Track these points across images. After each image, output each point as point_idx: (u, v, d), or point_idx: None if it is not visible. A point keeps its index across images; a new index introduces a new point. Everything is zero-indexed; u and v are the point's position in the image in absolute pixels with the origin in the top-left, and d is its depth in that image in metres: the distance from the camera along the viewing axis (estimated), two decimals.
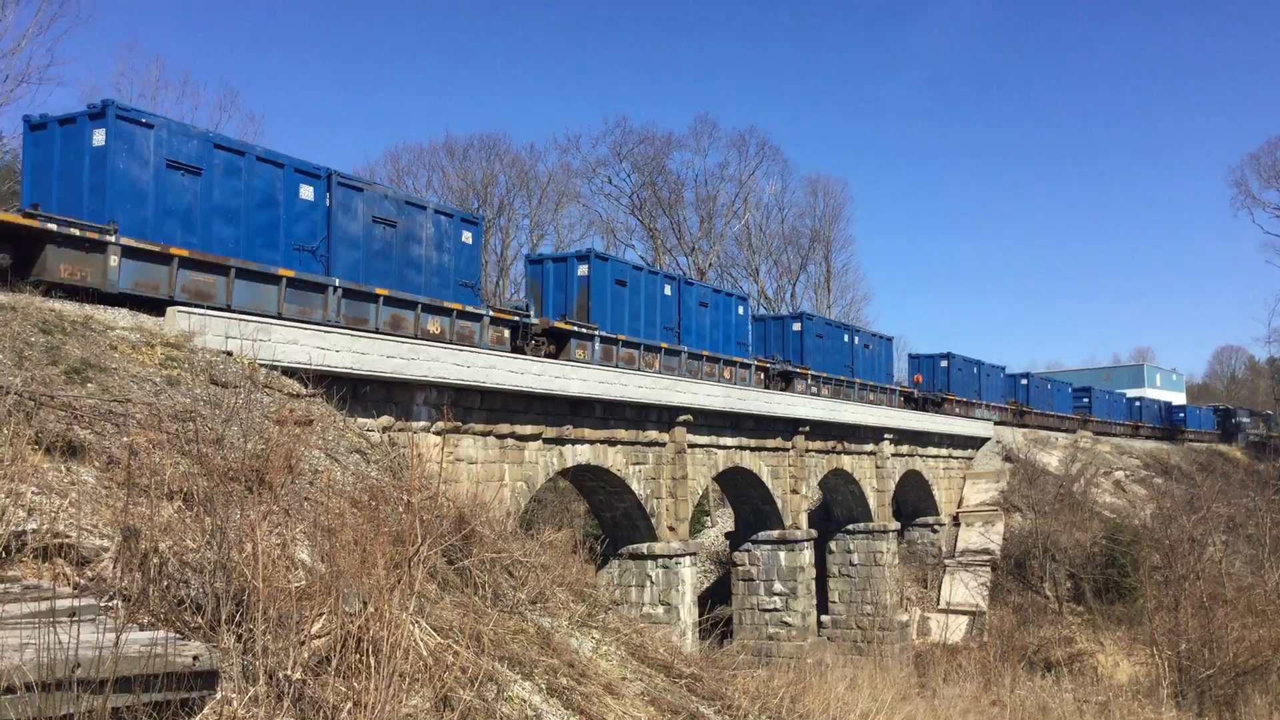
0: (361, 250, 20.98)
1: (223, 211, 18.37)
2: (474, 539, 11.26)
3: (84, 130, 16.99)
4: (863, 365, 43.46)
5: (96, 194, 16.79)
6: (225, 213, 18.42)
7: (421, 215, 22.67)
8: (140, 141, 17.14)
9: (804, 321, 39.71)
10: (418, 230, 22.40)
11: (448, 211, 23.82)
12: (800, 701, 14.48)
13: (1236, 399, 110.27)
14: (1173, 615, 34.09)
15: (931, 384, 51.20)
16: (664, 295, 30.63)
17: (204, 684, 5.83)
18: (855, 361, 42.76)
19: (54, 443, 9.10)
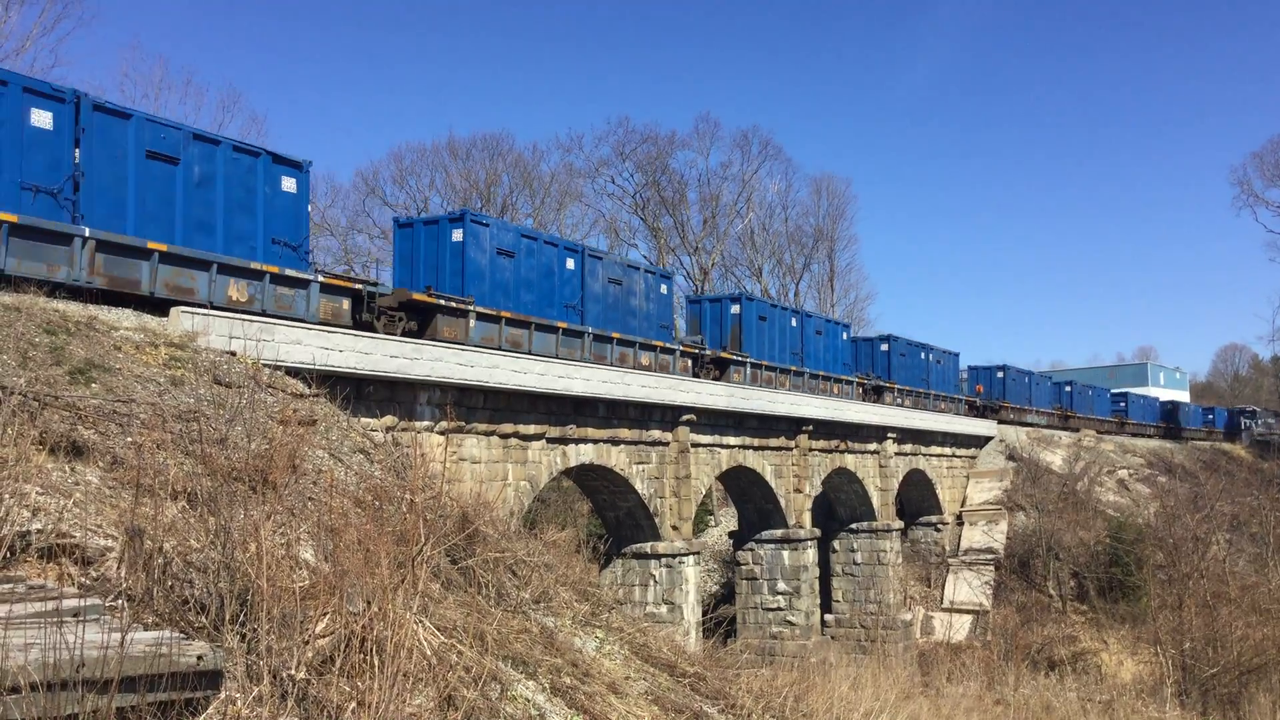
0: (601, 304, 27.43)
1: (525, 282, 25.09)
2: (477, 538, 11.27)
3: (445, 230, 23.99)
4: (936, 378, 49.97)
5: (456, 276, 23.61)
6: (527, 283, 25.13)
7: (636, 274, 29.51)
8: (482, 236, 24.07)
9: (891, 343, 46.35)
10: (634, 286, 29.13)
11: (651, 270, 31.50)
12: (804, 701, 14.48)
13: (1240, 397, 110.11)
14: (1177, 614, 34.05)
15: (989, 393, 57.04)
16: (791, 326, 37.67)
17: (208, 684, 5.84)
18: (930, 375, 49.29)
19: (58, 443, 9.11)
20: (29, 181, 15.72)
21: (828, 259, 76.44)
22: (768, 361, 35.21)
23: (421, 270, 24.18)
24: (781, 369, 35.95)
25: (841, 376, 40.19)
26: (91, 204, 16.45)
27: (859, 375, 42.69)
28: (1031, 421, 58.98)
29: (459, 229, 23.80)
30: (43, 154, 15.90)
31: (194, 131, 18.33)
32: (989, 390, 57.23)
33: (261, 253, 18.83)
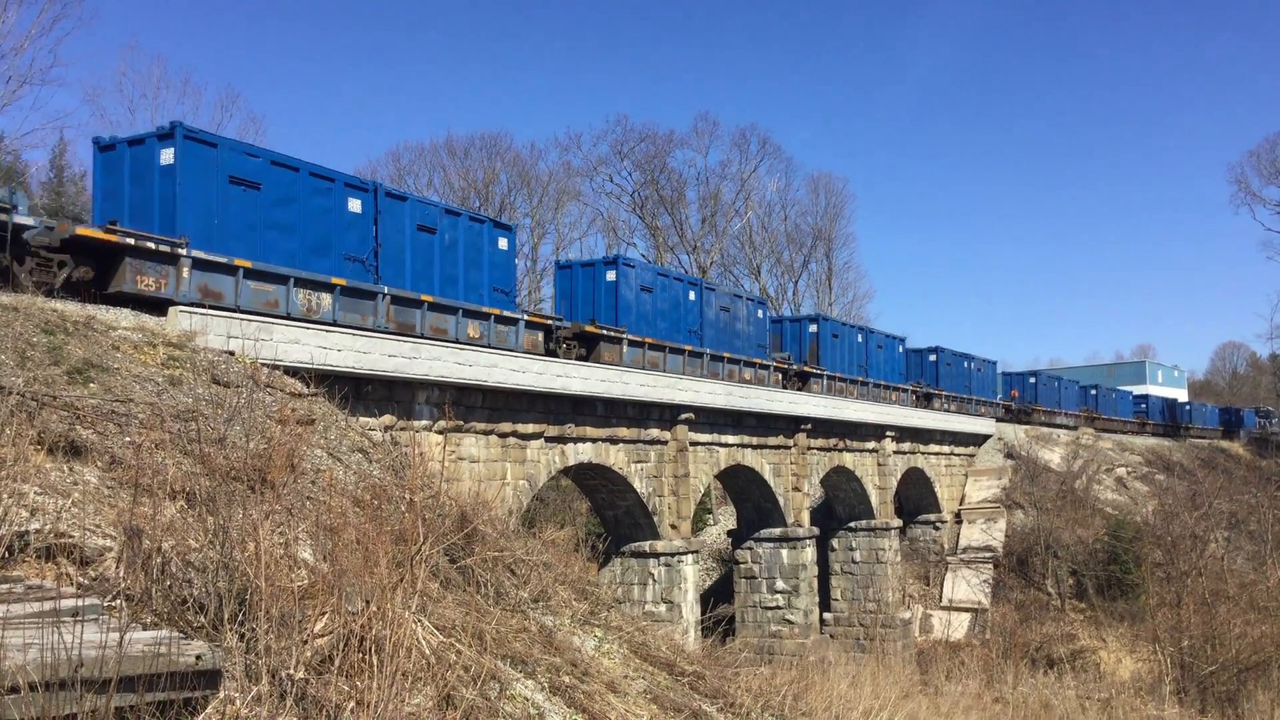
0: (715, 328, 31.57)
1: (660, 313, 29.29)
2: (476, 538, 11.27)
3: (601, 271, 27.94)
4: (976, 385, 55.25)
5: (610, 309, 27.68)
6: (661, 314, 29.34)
7: (739, 302, 33.64)
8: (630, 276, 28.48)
9: (939, 354, 50.98)
10: (738, 312, 33.37)
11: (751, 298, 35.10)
12: (803, 699, 14.49)
13: (1239, 395, 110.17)
14: (1175, 612, 34.07)
15: (1023, 397, 61.66)
16: (858, 342, 42.40)
17: (207, 683, 5.84)
18: (971, 382, 54.37)
19: (57, 443, 9.11)
20: (350, 253, 20.43)
21: (826, 258, 76.51)
22: (840, 374, 40.26)
23: (579, 305, 28.37)
24: (850, 380, 40.97)
25: (899, 385, 45.12)
26: (386, 268, 21.13)
27: (912, 384, 47.11)
28: (1060, 423, 62.86)
29: (613, 270, 28.34)
30: (357, 233, 20.62)
31: (446, 207, 23.66)
32: (1022, 395, 61.96)
33: (487, 298, 23.63)
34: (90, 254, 16.58)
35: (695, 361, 30.74)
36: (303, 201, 19.71)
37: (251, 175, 18.71)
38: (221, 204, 18.08)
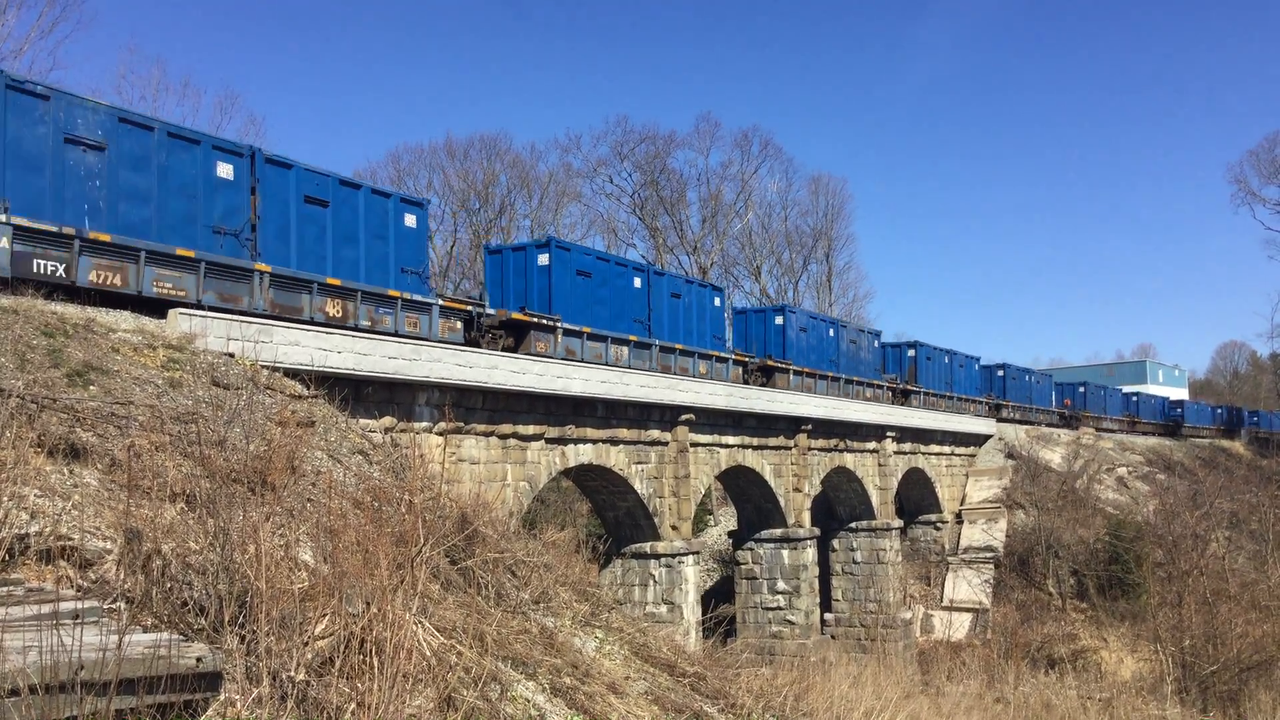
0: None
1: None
2: (477, 539, 11.26)
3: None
4: (1038, 396, 62.19)
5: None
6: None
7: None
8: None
9: (1006, 369, 55.77)
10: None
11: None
12: (804, 700, 14.48)
13: (1240, 395, 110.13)
14: (1176, 611, 34.05)
15: (1074, 406, 66.88)
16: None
17: (207, 685, 5.83)
18: (1032, 395, 61.55)
19: (56, 445, 9.11)
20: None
21: (826, 259, 76.50)
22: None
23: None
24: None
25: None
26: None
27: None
28: (1108, 429, 67.71)
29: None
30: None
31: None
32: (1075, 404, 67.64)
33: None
34: (511, 328, 24.09)
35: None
36: (611, 282, 26.59)
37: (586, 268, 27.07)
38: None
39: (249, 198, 19.17)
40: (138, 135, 17.47)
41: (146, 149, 17.52)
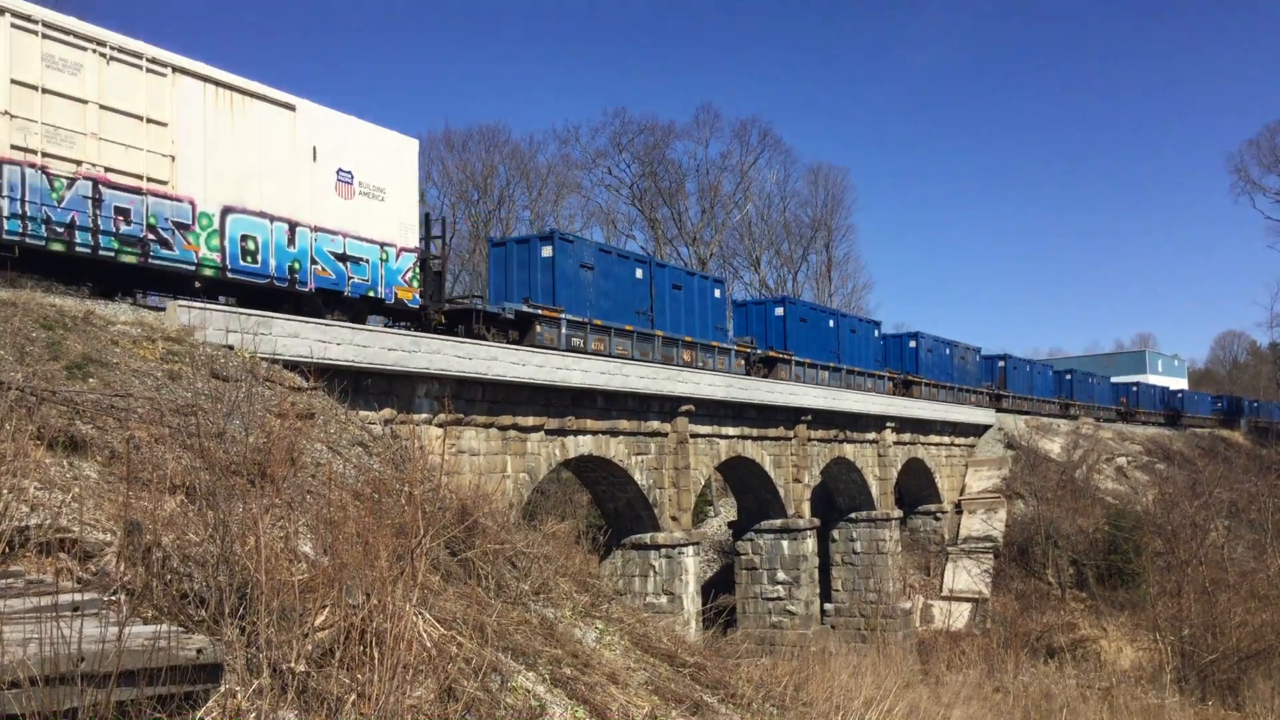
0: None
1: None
2: (477, 530, 11.27)
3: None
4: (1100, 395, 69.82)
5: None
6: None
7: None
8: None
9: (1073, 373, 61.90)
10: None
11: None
12: (804, 689, 14.50)
13: (1239, 384, 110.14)
14: (1175, 601, 34.09)
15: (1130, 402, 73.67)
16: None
17: (208, 677, 5.84)
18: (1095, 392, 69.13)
19: (56, 438, 9.10)
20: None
21: (825, 249, 76.48)
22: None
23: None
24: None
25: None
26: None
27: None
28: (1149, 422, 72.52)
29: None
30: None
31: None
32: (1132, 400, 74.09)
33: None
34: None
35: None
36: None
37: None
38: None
39: (649, 289, 29.87)
40: (606, 258, 28.79)
41: (609, 265, 28.66)
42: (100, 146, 16.09)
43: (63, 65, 15.62)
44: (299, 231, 19.24)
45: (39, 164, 15.25)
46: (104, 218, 16.06)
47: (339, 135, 20.21)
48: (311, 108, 19.79)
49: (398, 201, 21.37)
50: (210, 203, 17.72)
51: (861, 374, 42.27)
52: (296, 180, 19.24)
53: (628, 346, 28.32)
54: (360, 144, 20.65)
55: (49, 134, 15.41)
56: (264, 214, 18.64)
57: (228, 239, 17.97)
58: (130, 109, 16.56)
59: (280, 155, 18.98)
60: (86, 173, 15.87)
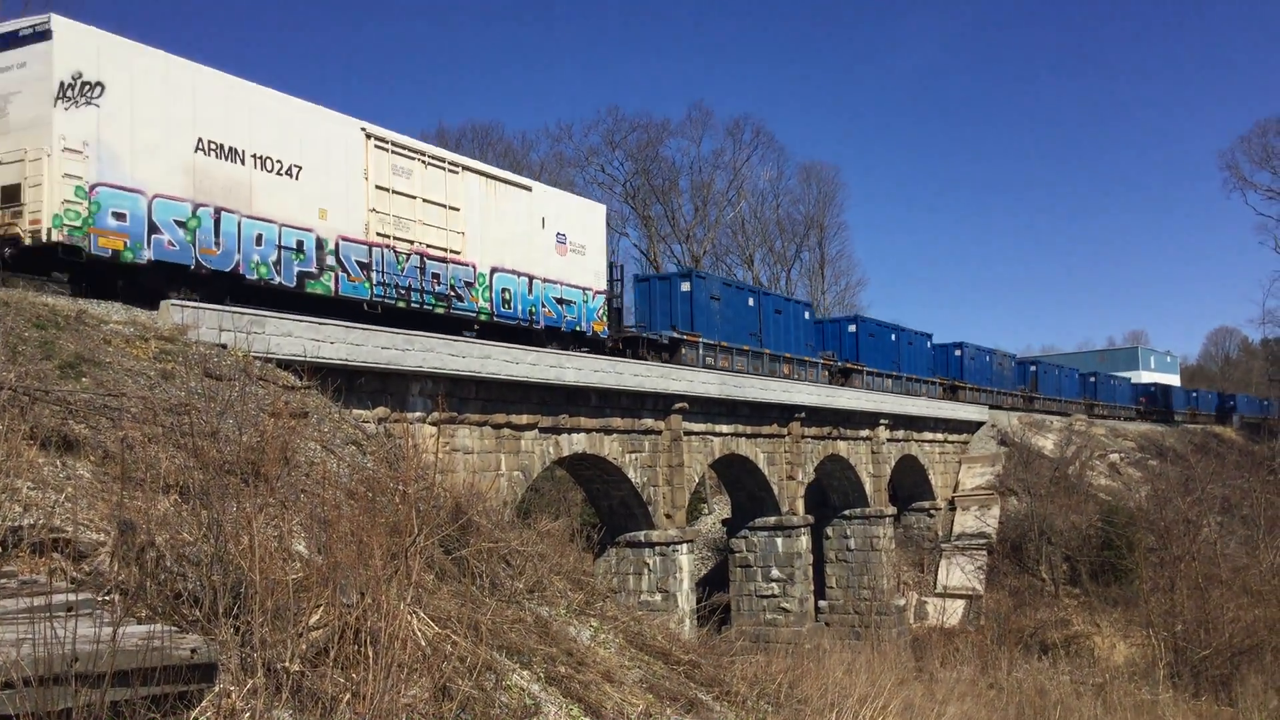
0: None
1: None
2: (471, 529, 11.27)
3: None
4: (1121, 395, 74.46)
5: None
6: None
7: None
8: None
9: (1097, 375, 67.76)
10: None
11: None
12: (798, 686, 14.52)
13: (1231, 381, 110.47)
14: (1168, 596, 34.17)
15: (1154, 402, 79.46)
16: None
17: (202, 677, 5.84)
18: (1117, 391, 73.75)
19: (49, 437, 9.08)
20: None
21: (818, 246, 76.62)
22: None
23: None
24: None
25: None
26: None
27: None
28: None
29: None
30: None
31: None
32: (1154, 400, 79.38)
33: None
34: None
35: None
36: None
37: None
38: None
39: (758, 315, 36.07)
40: (727, 290, 35.30)
41: (730, 295, 34.94)
42: (423, 229, 21.89)
43: (401, 171, 21.41)
44: (534, 283, 25.14)
45: (390, 245, 20.90)
46: (426, 281, 21.80)
47: (557, 206, 26.25)
48: (540, 187, 26.81)
49: (594, 255, 27.33)
50: (484, 265, 23.56)
51: (917, 381, 48.45)
52: (532, 244, 25.13)
53: (744, 363, 34.28)
54: (570, 212, 26.68)
55: (395, 223, 21.11)
56: (515, 271, 24.55)
57: (494, 292, 23.88)
58: (438, 200, 22.37)
59: (522, 226, 24.83)
60: (416, 249, 21.59)
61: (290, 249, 19.04)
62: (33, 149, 15.64)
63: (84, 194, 15.92)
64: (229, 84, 18.48)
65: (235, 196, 18.16)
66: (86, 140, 16.06)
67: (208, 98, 17.93)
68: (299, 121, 19.55)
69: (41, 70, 15.79)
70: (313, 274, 19.56)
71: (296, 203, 19.23)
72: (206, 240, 17.62)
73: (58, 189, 15.67)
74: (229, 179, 18.10)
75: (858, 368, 43.18)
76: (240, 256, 18.17)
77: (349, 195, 20.25)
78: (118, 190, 16.42)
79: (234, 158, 18.22)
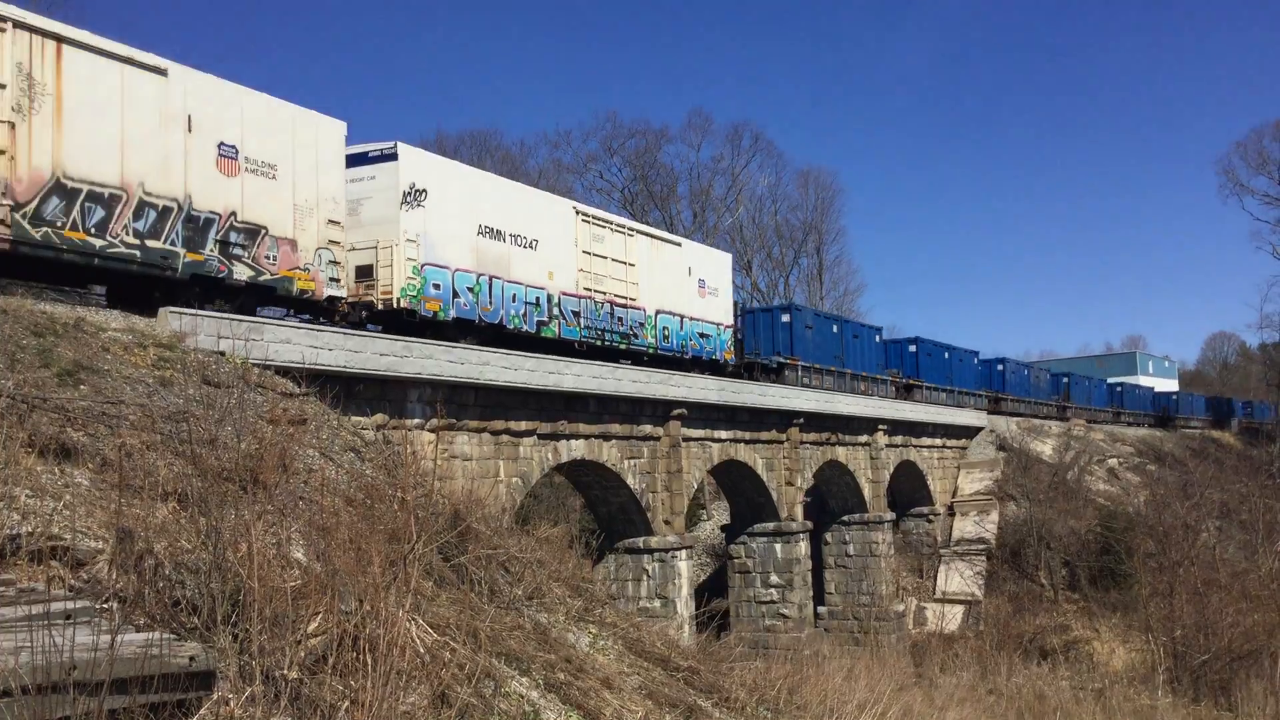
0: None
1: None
2: (470, 535, 11.26)
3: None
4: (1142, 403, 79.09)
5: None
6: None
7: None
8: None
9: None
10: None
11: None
12: (798, 693, 14.52)
13: (1229, 386, 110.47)
14: (1167, 601, 34.14)
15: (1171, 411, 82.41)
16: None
17: (201, 684, 5.83)
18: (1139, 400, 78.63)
19: (47, 445, 9.07)
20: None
21: (816, 252, 76.62)
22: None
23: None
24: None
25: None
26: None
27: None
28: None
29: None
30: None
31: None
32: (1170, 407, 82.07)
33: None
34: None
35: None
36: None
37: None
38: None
39: (840, 340, 41.70)
40: (817, 319, 41.55)
41: (819, 323, 40.93)
42: (612, 282, 27.66)
43: (597, 238, 27.40)
44: (684, 321, 30.97)
45: (591, 296, 26.72)
46: (614, 323, 27.60)
47: (698, 257, 32.58)
48: (687, 243, 33.27)
49: (724, 296, 33.29)
50: (650, 309, 29.29)
51: (966, 394, 53.88)
52: (681, 289, 30.98)
53: (831, 381, 39.99)
54: (707, 261, 33.11)
55: (594, 278, 26.93)
56: (671, 312, 30.27)
57: (658, 329, 29.64)
58: (620, 258, 28.14)
59: (674, 275, 30.67)
60: (607, 298, 27.40)
61: (531, 304, 24.94)
62: (384, 240, 21.20)
63: (417, 271, 21.58)
64: (495, 182, 25.34)
65: (499, 266, 23.93)
66: (418, 232, 21.67)
67: (483, 194, 23.80)
68: (536, 205, 25.88)
69: (390, 182, 21.37)
70: (545, 322, 25.32)
71: (535, 268, 25.09)
72: (484, 300, 23.43)
73: (402, 269, 21.26)
74: (496, 253, 23.94)
75: (918, 383, 48.88)
76: (503, 311, 24.01)
77: (566, 260, 26.10)
78: (435, 267, 22.08)
79: (499, 237, 24.08)
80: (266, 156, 18.40)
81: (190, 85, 17.18)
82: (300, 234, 18.92)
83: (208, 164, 17.35)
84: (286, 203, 18.78)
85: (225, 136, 17.65)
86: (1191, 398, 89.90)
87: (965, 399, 52.94)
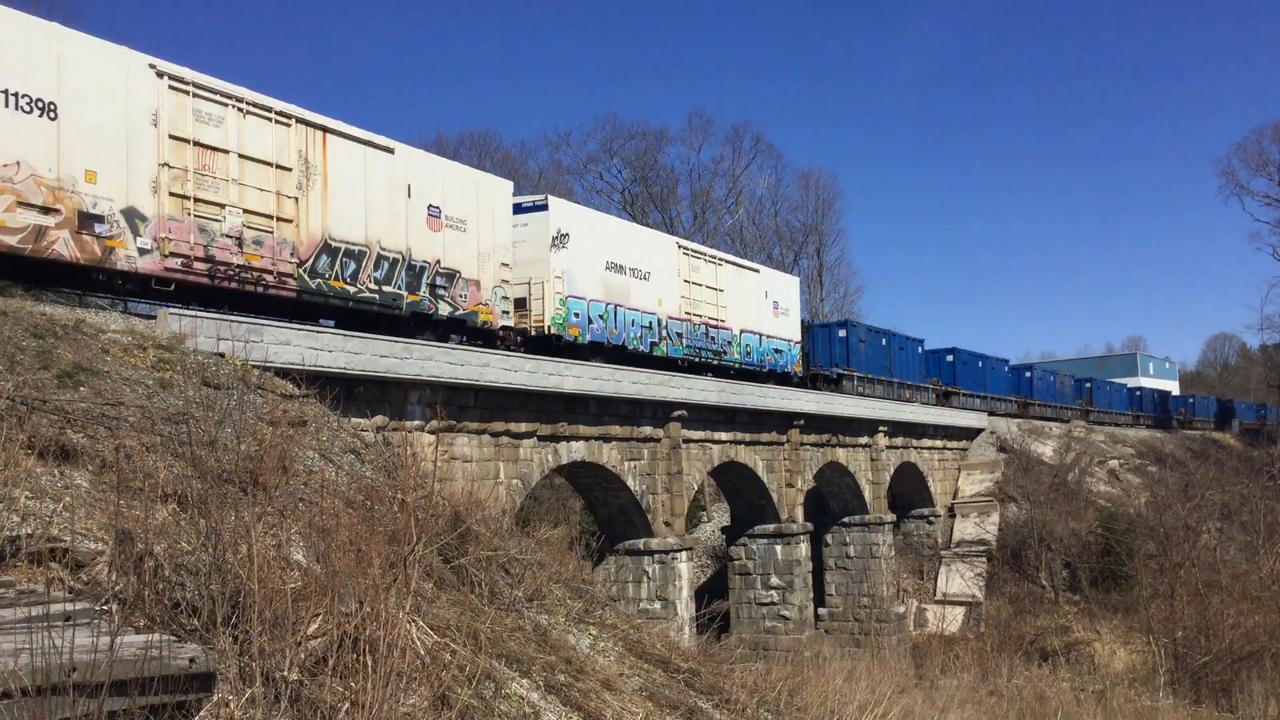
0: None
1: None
2: (470, 537, 11.25)
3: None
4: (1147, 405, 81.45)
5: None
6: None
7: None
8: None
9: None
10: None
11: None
12: (798, 694, 14.50)
13: (1230, 387, 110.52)
14: (1168, 603, 34.12)
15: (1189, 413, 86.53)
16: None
17: (200, 686, 5.81)
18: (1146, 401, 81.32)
19: (47, 447, 9.06)
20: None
21: (817, 254, 76.64)
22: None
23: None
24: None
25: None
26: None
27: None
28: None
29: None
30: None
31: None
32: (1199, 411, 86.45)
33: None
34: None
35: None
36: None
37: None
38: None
39: (888, 352, 45.57)
40: (870, 333, 44.70)
41: (871, 338, 44.36)
42: (706, 306, 32.25)
43: (694, 269, 31.92)
44: (762, 339, 35.55)
45: (689, 319, 31.32)
46: (708, 342, 32.08)
47: (773, 280, 37.19)
48: (767, 270, 38.54)
49: (793, 314, 37.86)
50: (736, 328, 33.89)
51: (998, 399, 57.56)
52: (760, 310, 35.56)
53: (881, 390, 43.83)
54: (780, 284, 37.53)
55: (692, 303, 31.44)
56: (752, 331, 34.96)
57: (741, 347, 34.20)
58: (711, 284, 32.85)
59: (754, 298, 35.19)
60: (702, 320, 31.88)
61: (646, 327, 29.29)
62: (535, 277, 25.53)
63: (562, 303, 25.92)
64: (618, 224, 30.58)
65: (622, 296, 28.30)
66: (563, 270, 25.99)
67: (609, 234, 28.40)
68: (647, 241, 30.85)
69: (541, 229, 25.74)
70: (656, 343, 29.63)
71: (648, 297, 29.46)
72: (610, 325, 27.79)
73: (551, 301, 25.63)
74: (619, 285, 28.27)
75: (955, 390, 52.65)
76: (625, 334, 28.35)
77: (671, 289, 30.51)
78: (575, 299, 26.44)
79: (621, 271, 28.33)
80: (459, 214, 22.61)
81: (409, 159, 21.55)
82: (482, 275, 23.26)
83: (420, 223, 21.64)
84: (473, 251, 22.99)
85: (432, 199, 21.95)
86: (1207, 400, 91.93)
87: (997, 404, 56.85)
